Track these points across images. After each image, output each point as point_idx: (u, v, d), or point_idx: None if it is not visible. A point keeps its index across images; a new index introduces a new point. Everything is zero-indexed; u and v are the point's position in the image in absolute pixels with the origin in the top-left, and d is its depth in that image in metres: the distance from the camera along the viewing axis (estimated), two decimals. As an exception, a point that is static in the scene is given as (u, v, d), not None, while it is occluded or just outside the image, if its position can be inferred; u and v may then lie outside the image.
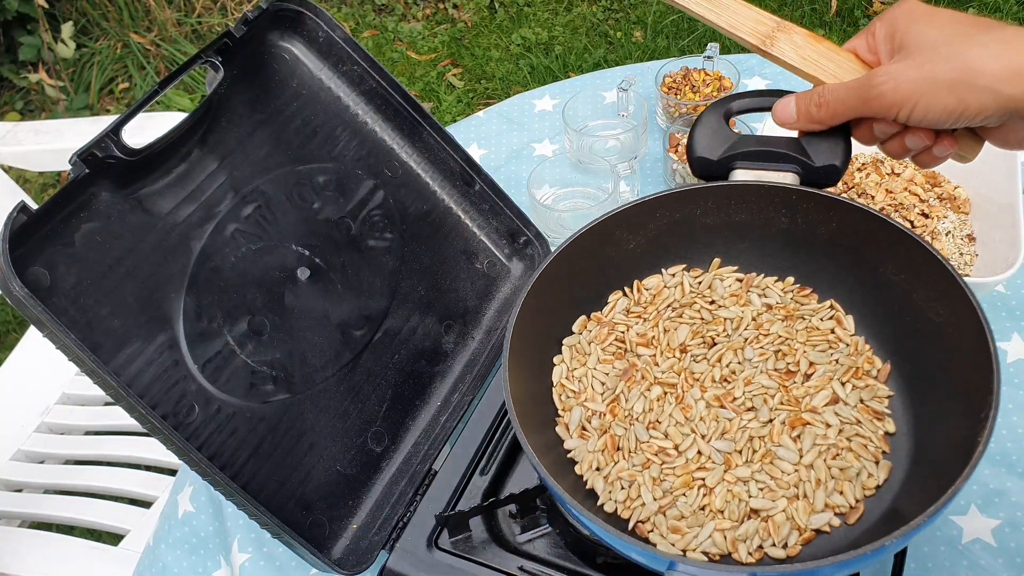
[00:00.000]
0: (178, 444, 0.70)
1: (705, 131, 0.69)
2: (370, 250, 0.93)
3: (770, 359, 0.69)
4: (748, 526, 0.62)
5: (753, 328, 0.71)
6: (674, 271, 0.75)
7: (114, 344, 0.73)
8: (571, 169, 1.19)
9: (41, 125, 1.55)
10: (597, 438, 0.69)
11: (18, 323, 2.26)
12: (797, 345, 0.70)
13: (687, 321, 0.72)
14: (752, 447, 0.65)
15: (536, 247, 1.02)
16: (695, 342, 0.71)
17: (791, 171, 0.67)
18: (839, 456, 0.64)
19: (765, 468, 0.64)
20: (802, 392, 0.67)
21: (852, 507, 0.63)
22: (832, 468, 0.64)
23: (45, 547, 1.23)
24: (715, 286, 0.74)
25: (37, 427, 1.43)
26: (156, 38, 2.88)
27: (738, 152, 0.69)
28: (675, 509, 0.64)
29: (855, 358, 0.69)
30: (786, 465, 0.64)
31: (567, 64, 2.67)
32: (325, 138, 0.92)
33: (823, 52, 0.67)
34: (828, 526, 0.62)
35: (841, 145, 0.66)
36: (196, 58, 0.82)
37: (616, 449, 0.68)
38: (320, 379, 0.85)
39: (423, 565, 0.76)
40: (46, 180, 2.64)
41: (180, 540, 0.94)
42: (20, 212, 0.67)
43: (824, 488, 0.63)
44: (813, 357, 0.69)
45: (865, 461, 0.64)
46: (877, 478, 0.64)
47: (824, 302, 0.72)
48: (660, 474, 0.65)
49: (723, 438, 0.66)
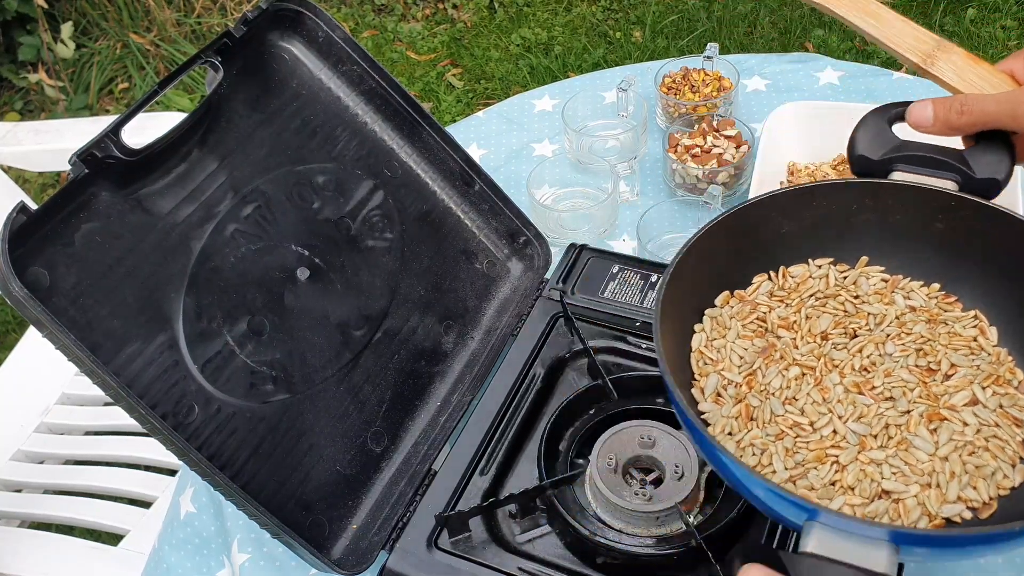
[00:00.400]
0: (178, 444, 0.70)
1: (867, 132, 0.70)
2: (370, 250, 0.93)
3: (911, 356, 0.69)
4: (878, 505, 0.61)
5: (896, 326, 0.71)
6: (820, 263, 0.75)
7: (114, 344, 0.73)
8: (571, 169, 1.19)
9: (41, 125, 1.56)
10: (732, 405, 0.69)
11: (18, 323, 2.26)
12: (939, 347, 0.70)
13: (830, 311, 0.72)
14: (888, 433, 0.65)
15: (536, 247, 1.02)
16: (836, 331, 0.71)
17: (951, 179, 0.68)
18: (975, 454, 0.64)
19: (900, 454, 0.64)
20: (941, 390, 0.67)
21: (985, 503, 0.62)
22: (967, 464, 0.63)
23: (45, 547, 1.23)
24: (860, 283, 0.74)
25: (37, 427, 1.42)
26: (156, 38, 2.88)
27: (899, 155, 0.69)
28: (806, 480, 0.63)
29: (997, 366, 0.69)
30: (921, 455, 0.63)
31: (567, 64, 2.67)
32: (325, 138, 0.92)
33: (982, 75, 0.68)
34: (959, 517, 0.61)
35: (1006, 159, 0.67)
36: (196, 58, 0.82)
37: (750, 419, 0.68)
38: (320, 379, 0.85)
39: (423, 565, 0.77)
40: (46, 180, 2.64)
41: (183, 541, 0.94)
42: (20, 212, 0.67)
43: (958, 481, 0.62)
44: (955, 359, 0.69)
45: (1001, 462, 0.63)
46: (1013, 480, 0.63)
47: (969, 311, 0.72)
48: (794, 446, 0.65)
49: (860, 421, 0.65)
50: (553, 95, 1.36)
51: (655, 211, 1.07)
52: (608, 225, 1.13)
